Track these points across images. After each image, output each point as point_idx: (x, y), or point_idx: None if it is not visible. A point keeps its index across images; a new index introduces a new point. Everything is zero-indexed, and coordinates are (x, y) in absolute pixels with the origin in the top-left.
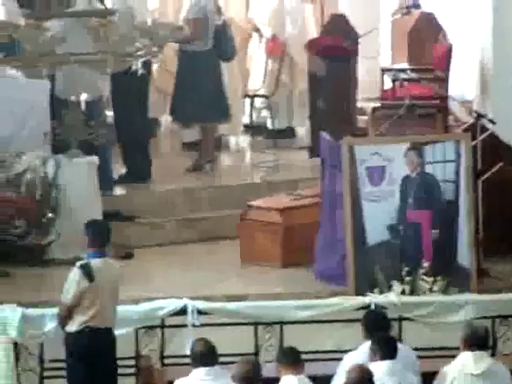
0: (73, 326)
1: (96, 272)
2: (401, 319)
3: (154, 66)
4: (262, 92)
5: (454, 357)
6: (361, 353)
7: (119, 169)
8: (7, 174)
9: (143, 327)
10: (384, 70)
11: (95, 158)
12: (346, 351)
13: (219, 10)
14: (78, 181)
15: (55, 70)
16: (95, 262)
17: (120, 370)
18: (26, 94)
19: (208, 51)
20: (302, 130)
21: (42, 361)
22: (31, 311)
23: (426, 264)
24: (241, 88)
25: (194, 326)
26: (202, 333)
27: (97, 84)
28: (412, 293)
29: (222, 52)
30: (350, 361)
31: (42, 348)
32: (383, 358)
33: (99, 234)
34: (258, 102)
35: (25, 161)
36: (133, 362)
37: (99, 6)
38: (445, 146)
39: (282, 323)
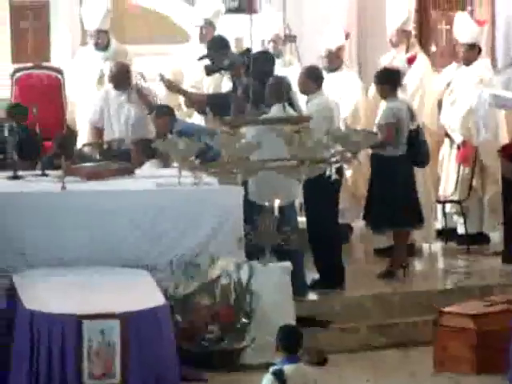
0: None
1: (289, 378)
2: None
3: (347, 172)
4: (453, 197)
5: None
6: None
7: (312, 274)
8: (202, 279)
9: None
10: None
11: (288, 264)
12: None
13: (413, 116)
14: (272, 286)
15: (249, 175)
16: (288, 368)
17: None
18: (221, 199)
19: (401, 156)
20: (495, 236)
21: None
22: None
23: None
24: (432, 193)
25: None
26: None
27: (290, 189)
28: None
29: (415, 157)
30: None
31: None
32: None
33: (292, 340)
34: (450, 207)
35: (219, 266)
36: None
37: (293, 112)
38: None
39: None
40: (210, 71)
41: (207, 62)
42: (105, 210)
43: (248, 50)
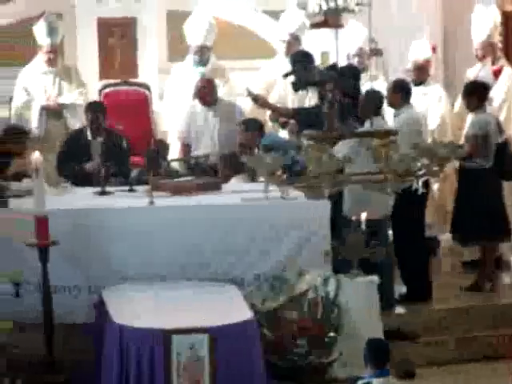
0: None
1: None
2: None
3: (434, 185)
4: None
5: None
6: None
7: (400, 288)
8: (290, 293)
9: None
10: None
11: (375, 278)
12: None
13: (500, 129)
14: (359, 300)
15: (338, 189)
16: (376, 381)
17: None
18: (308, 213)
19: (489, 169)
20: None
21: None
22: None
23: None
24: None
25: None
26: None
27: (379, 203)
28: None
29: (503, 170)
30: None
31: None
32: None
33: (379, 353)
34: None
35: (306, 280)
36: None
37: (383, 125)
38: None
39: None
40: (297, 88)
41: (292, 78)
42: (192, 224)
43: (334, 65)
